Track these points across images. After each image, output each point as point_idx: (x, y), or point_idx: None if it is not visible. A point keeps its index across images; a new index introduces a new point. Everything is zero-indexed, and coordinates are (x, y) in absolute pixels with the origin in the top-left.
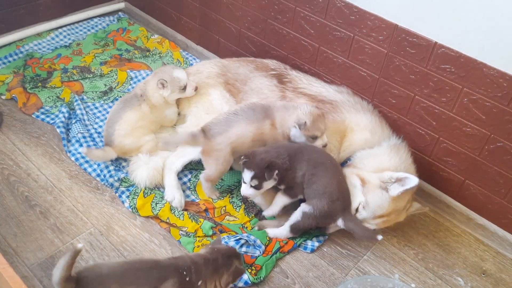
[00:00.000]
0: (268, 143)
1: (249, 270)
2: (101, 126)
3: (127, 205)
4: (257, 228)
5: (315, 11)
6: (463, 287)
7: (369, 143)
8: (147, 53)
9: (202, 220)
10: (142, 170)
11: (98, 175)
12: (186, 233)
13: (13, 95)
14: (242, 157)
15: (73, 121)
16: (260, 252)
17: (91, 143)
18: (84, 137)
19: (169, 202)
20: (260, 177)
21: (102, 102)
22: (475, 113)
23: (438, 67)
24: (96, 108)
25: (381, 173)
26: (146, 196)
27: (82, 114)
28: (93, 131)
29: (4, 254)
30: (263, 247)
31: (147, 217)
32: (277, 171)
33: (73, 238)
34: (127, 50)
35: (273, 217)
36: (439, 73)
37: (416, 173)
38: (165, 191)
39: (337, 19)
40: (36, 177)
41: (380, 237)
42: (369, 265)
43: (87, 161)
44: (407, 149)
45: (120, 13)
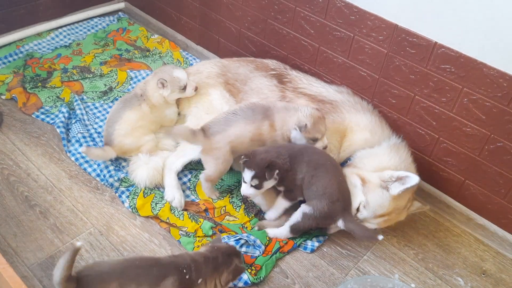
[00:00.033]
0: (266, 144)
1: (249, 270)
2: (101, 126)
3: (127, 205)
4: (257, 228)
5: (315, 11)
6: (463, 287)
7: (369, 143)
8: (147, 53)
9: (202, 220)
10: (142, 170)
11: (98, 175)
12: (186, 233)
13: (13, 95)
14: (242, 157)
15: (73, 121)
16: (260, 252)
17: (91, 143)
18: (84, 137)
19: (169, 202)
20: (260, 177)
21: (102, 102)
22: (475, 113)
23: (438, 67)
24: (96, 108)
25: (381, 172)
26: (146, 196)
27: (82, 114)
28: (93, 131)
29: (4, 254)
30: (263, 247)
31: (147, 217)
32: (277, 171)
33: (73, 238)
34: (127, 50)
35: None
36: (439, 73)
37: (416, 172)
38: (165, 191)
39: (337, 19)
40: (36, 177)
41: (380, 237)
42: (369, 265)
43: (87, 161)
44: (407, 148)
45: (120, 13)
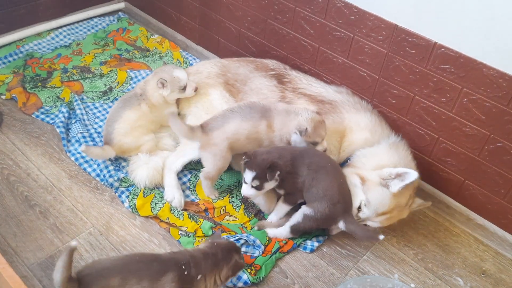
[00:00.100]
0: (264, 144)
1: (249, 270)
2: (101, 126)
3: (126, 205)
4: (256, 228)
5: (315, 11)
6: (462, 287)
7: (369, 143)
8: (147, 53)
9: (201, 220)
10: (142, 170)
11: (97, 175)
12: (185, 233)
13: (13, 95)
14: (243, 157)
15: (73, 121)
16: (259, 252)
17: (91, 143)
18: (84, 137)
19: (168, 202)
20: (261, 178)
21: (102, 102)
22: (475, 113)
23: (437, 67)
24: (96, 108)
25: (380, 170)
26: (145, 196)
27: (82, 114)
28: (92, 131)
29: (3, 253)
30: (263, 247)
31: (147, 217)
32: (278, 172)
33: (72, 238)
34: (127, 50)
35: None
36: (439, 73)
37: (417, 169)
38: (164, 191)
39: (337, 19)
40: (35, 177)
41: (381, 237)
42: (368, 265)
43: (86, 161)
44: (406, 146)
45: (120, 13)
